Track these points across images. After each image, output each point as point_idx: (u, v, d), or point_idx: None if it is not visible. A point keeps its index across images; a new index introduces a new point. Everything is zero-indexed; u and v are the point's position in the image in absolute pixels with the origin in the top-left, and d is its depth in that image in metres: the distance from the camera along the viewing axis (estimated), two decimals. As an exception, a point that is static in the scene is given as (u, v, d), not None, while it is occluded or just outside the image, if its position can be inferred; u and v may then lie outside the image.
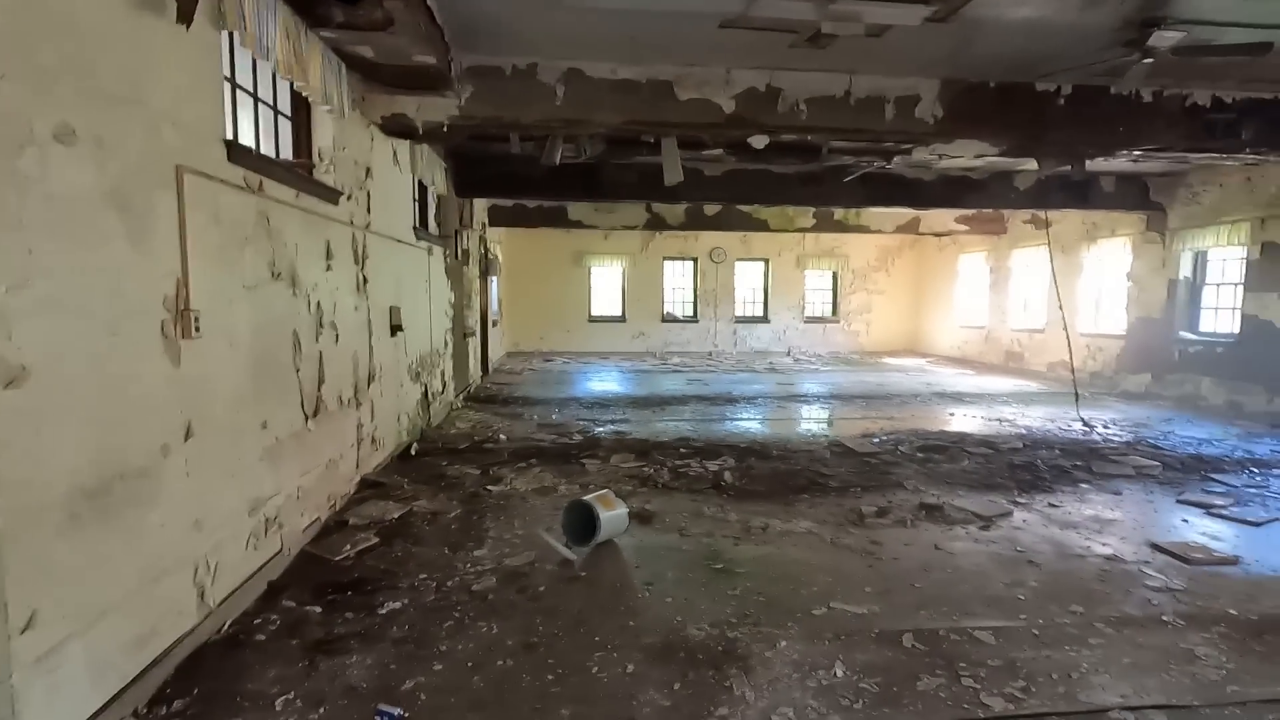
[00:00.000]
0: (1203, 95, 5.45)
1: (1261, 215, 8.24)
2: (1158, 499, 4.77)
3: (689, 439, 6.55)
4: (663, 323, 15.93)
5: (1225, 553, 3.71)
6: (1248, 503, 4.66)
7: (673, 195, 8.93)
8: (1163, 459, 5.77)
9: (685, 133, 5.17)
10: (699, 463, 5.55)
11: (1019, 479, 5.20)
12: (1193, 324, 9.41)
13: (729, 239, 15.41)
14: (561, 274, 15.47)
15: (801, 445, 6.33)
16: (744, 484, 5.01)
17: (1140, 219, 9.91)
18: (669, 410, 8.36)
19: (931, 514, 4.38)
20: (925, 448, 6.14)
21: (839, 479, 5.14)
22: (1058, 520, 4.29)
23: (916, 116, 5.22)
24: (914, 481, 5.11)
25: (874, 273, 16.26)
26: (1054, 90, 5.32)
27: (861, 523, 4.22)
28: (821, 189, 9.01)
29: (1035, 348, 12.25)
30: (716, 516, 4.32)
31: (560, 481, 5.02)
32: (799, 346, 16.10)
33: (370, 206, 4.95)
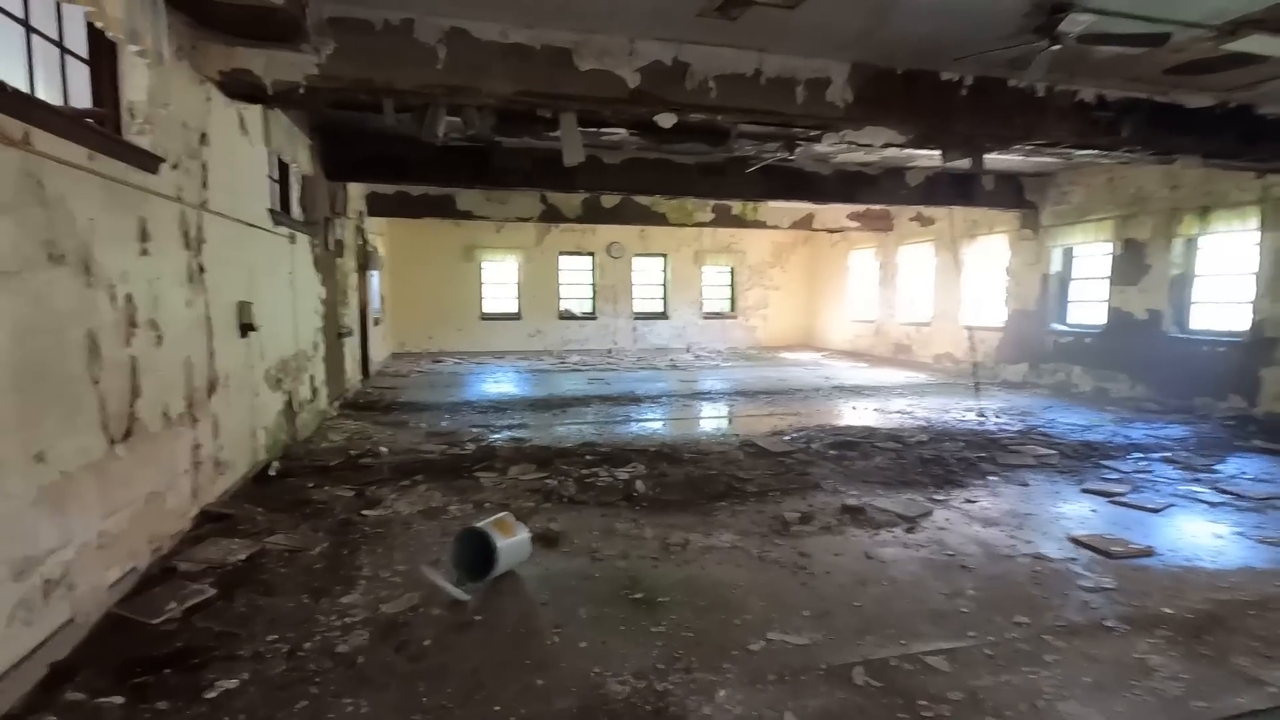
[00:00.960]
0: (1089, 93, 5.60)
1: (1123, 214, 8.84)
2: (1063, 489, 4.80)
3: (594, 444, 6.06)
4: (560, 320, 15.34)
5: (1140, 544, 3.69)
6: (1142, 489, 4.77)
7: (569, 184, 8.44)
8: (1057, 447, 5.92)
9: (586, 108, 4.68)
10: (607, 471, 5.08)
11: (932, 474, 5.12)
12: (1063, 316, 10.01)
13: (627, 233, 15.06)
14: (451, 269, 14.53)
15: (714, 446, 6.01)
16: (658, 493, 4.59)
17: (1016, 217, 10.45)
18: (571, 413, 7.84)
19: (856, 517, 4.14)
20: (837, 444, 5.99)
21: (757, 482, 4.84)
22: (978, 518, 4.18)
23: (827, 100, 5.00)
24: (832, 481, 4.90)
25: (770, 269, 16.45)
26: (957, 80, 5.27)
27: (787, 531, 3.90)
28: (723, 181, 8.79)
29: (923, 340, 12.73)
30: (631, 533, 3.87)
31: (451, 501, 4.39)
32: (699, 343, 16.02)
33: (208, 181, 4.10)
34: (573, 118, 4.73)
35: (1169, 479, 5.04)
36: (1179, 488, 4.82)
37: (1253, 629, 2.78)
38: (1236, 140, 6.12)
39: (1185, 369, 8.07)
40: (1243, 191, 7.45)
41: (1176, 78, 5.43)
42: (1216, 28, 4.33)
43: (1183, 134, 5.94)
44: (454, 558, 3.22)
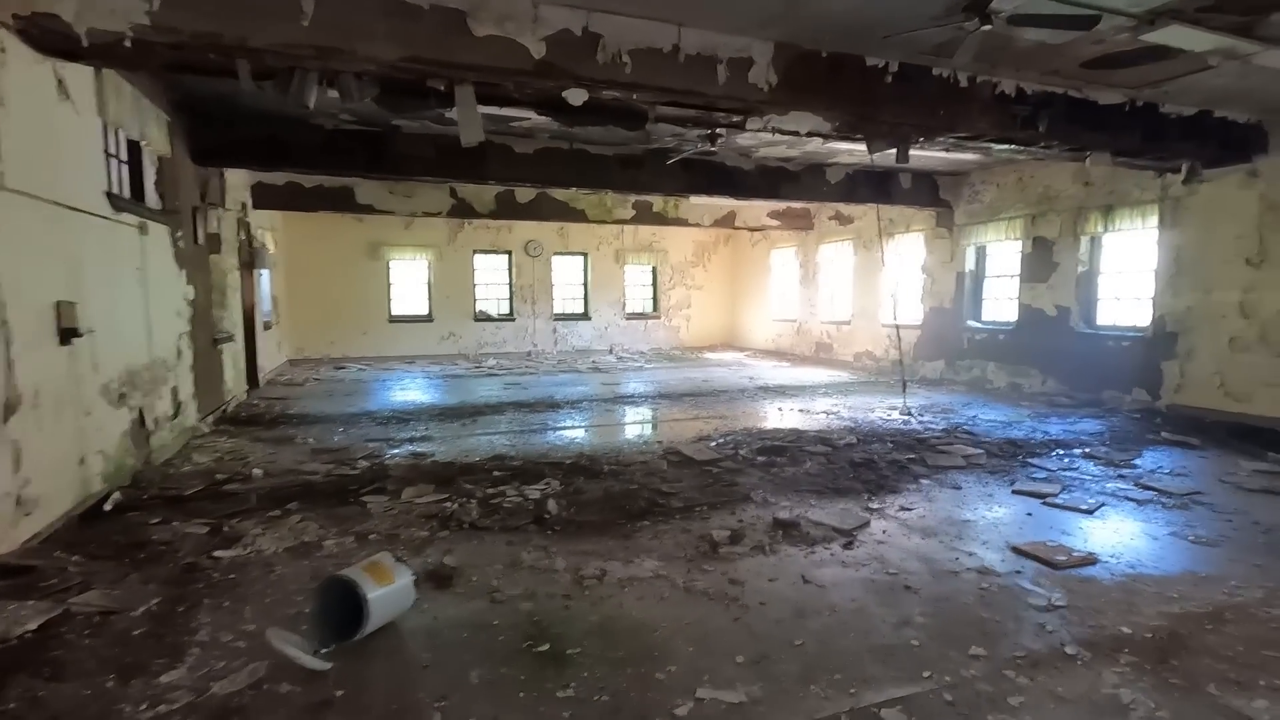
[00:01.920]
0: (1009, 85, 5.50)
1: (1032, 213, 9.01)
2: (995, 491, 4.63)
3: (505, 457, 5.50)
4: (476, 322, 14.56)
5: (1081, 551, 3.49)
6: (1071, 488, 4.66)
7: (478, 174, 7.81)
8: (983, 445, 5.82)
9: (485, 80, 4.13)
10: (517, 489, 4.54)
11: (864, 479, 4.85)
12: (978, 313, 10.17)
13: (545, 231, 14.46)
14: (355, 268, 13.50)
15: (635, 456, 5.56)
16: (573, 513, 4.09)
17: (932, 215, 10.56)
18: (482, 422, 7.22)
19: (789, 533, 3.78)
20: (765, 449, 5.67)
21: (682, 496, 4.42)
22: (917, 527, 3.90)
23: (750, 82, 4.64)
24: (761, 492, 4.54)
25: (692, 268, 16.23)
26: (883, 66, 5.03)
27: (715, 554, 3.49)
28: (642, 174, 8.37)
29: (843, 339, 12.77)
30: (539, 565, 3.36)
31: (328, 534, 3.74)
32: (621, 344, 15.59)
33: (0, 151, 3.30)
34: (470, 91, 4.17)
35: (1094, 476, 4.97)
36: (1105, 485, 4.74)
37: (1215, 648, 2.56)
38: (1142, 138, 6.21)
39: (1093, 364, 8.27)
40: (1143, 191, 7.68)
41: (1092, 72, 5.40)
42: (1138, 16, 4.25)
43: (1096, 130, 5.96)
44: (315, 614, 2.62)
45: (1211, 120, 6.46)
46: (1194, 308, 7.25)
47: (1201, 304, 7.18)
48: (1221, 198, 6.99)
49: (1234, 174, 6.86)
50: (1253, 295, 6.75)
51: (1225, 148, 6.57)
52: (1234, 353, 6.91)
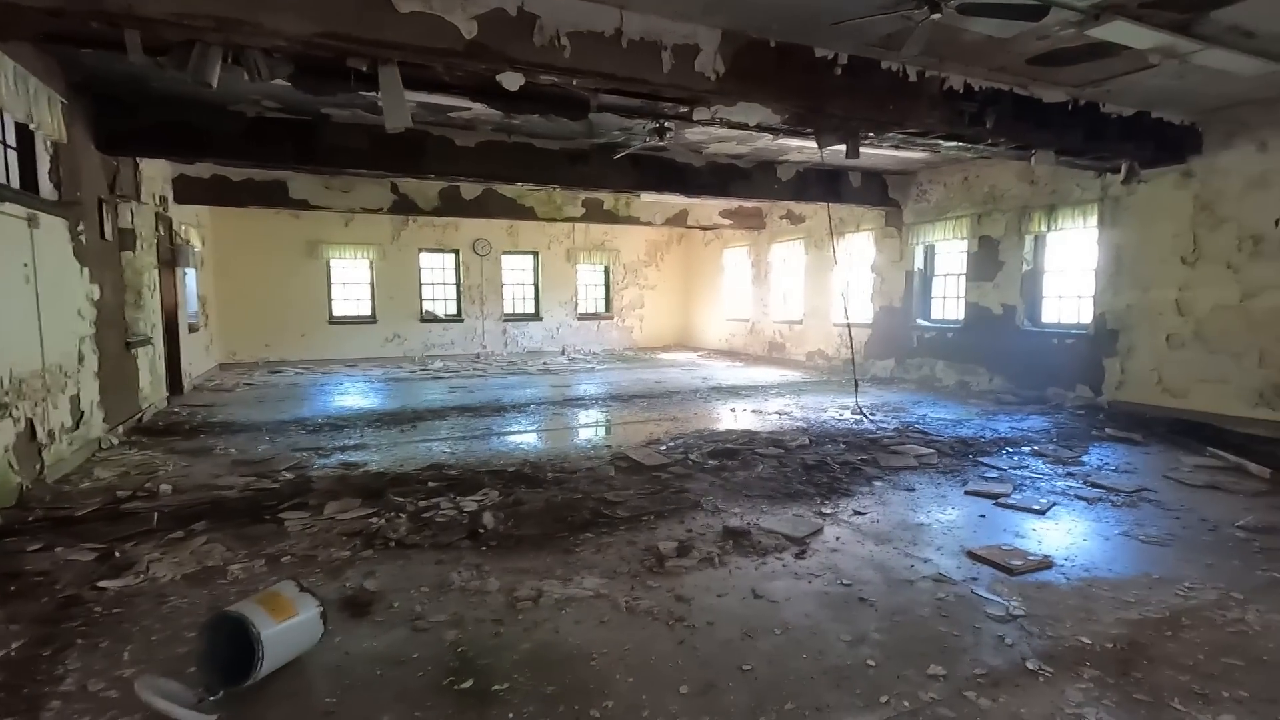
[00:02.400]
0: (957, 80, 5.46)
1: (978, 212, 9.10)
2: (948, 492, 4.54)
3: (443, 466, 5.18)
4: (422, 323, 14.05)
5: (1036, 554, 3.40)
6: (1022, 487, 4.61)
7: (415, 168, 7.44)
8: (934, 445, 5.76)
9: (411, 60, 3.82)
10: (452, 501, 4.23)
11: (816, 482, 4.71)
12: (927, 312, 10.24)
13: (494, 229, 14.06)
14: (292, 267, 12.85)
15: (582, 462, 5.31)
16: (510, 527, 3.81)
17: (881, 215, 10.60)
18: (422, 428, 6.85)
19: (739, 543, 3.59)
20: (716, 453, 5.49)
21: (628, 505, 4.19)
22: (870, 533, 3.76)
23: (697, 70, 4.45)
24: (712, 498, 4.35)
25: (645, 267, 16.03)
26: (832, 58, 4.91)
27: (661, 568, 3.27)
28: (589, 169, 8.12)
29: (795, 338, 12.76)
30: (470, 586, 3.08)
31: (236, 557, 3.38)
32: (573, 344, 15.30)
33: None
34: (395, 72, 3.85)
35: (1044, 474, 4.94)
36: (1055, 484, 4.71)
37: (1175, 658, 2.46)
38: (1084, 138, 6.27)
39: (1038, 361, 8.38)
40: (1084, 190, 7.80)
41: (1037, 69, 5.40)
42: (1084, 10, 4.21)
43: (1041, 128, 5.97)
44: (201, 655, 2.29)
45: (1149, 121, 6.57)
46: (1133, 305, 7.39)
47: (1140, 302, 7.32)
48: (1158, 198, 7.13)
49: (1170, 174, 7.00)
50: (1188, 293, 6.90)
51: (1162, 148, 6.69)
52: (1171, 350, 7.05)
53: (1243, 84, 5.76)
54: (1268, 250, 6.30)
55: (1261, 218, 6.33)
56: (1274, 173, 6.25)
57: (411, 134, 7.20)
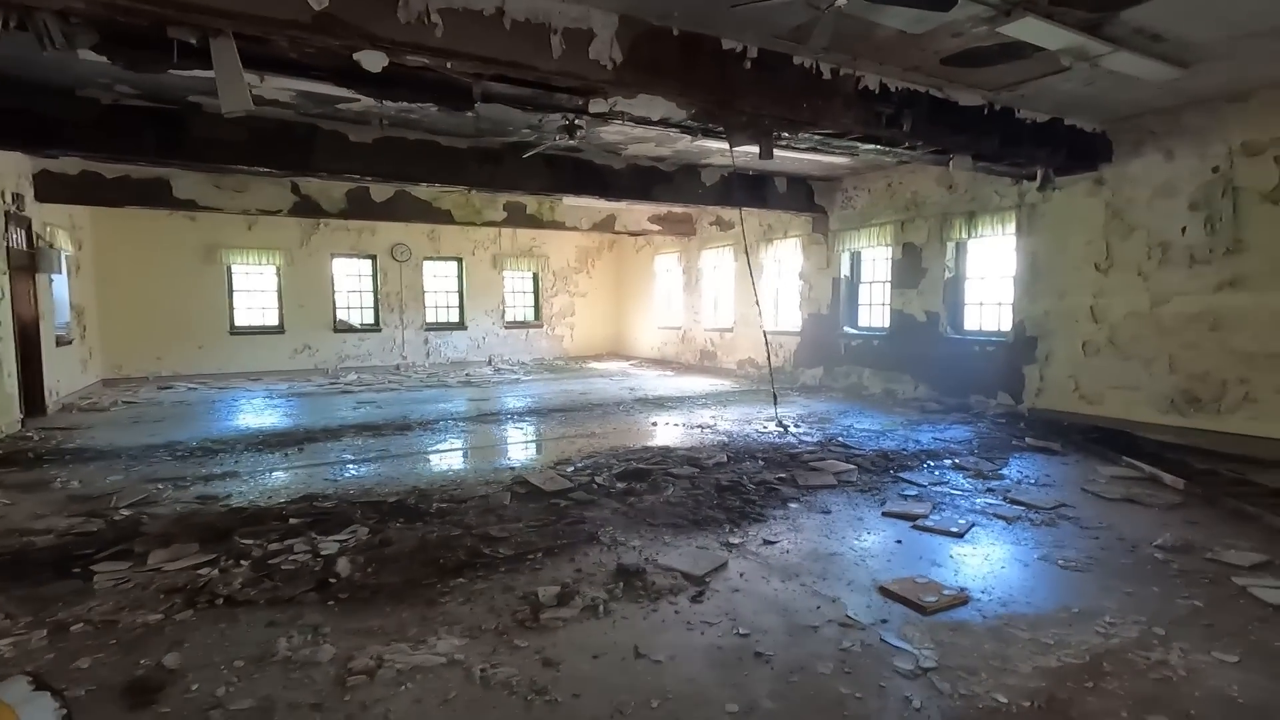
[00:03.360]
0: (872, 80, 5.24)
1: (901, 219, 9.03)
2: (865, 514, 4.25)
3: (318, 497, 4.60)
4: (335, 333, 13.19)
5: (952, 587, 3.11)
6: (942, 506, 4.37)
7: (303, 165, 6.78)
8: (856, 459, 5.50)
9: (248, 33, 3.29)
10: (309, 542, 3.68)
11: (728, 506, 4.36)
12: (854, 319, 10.14)
13: (414, 233, 13.37)
14: (188, 274, 11.83)
15: (477, 488, 4.81)
16: (370, 574, 3.30)
17: (808, 220, 10.46)
18: (310, 451, 6.21)
19: (631, 584, 3.18)
20: (627, 474, 5.08)
21: (515, 541, 3.72)
22: (778, 566, 3.41)
23: (591, 58, 4.05)
24: (611, 529, 3.93)
25: (575, 274, 15.57)
26: (741, 51, 4.60)
27: (535, 620, 2.83)
28: (501, 169, 7.64)
29: (726, 346, 12.53)
30: (298, 657, 2.56)
31: (14, 627, 2.76)
32: (501, 354, 14.69)
33: None
34: (230, 46, 3.30)
35: (963, 491, 4.73)
36: (975, 501, 4.49)
37: (1097, 716, 2.17)
38: (1000, 143, 6.18)
39: (961, 369, 8.33)
40: (1002, 197, 7.78)
41: (952, 70, 5.23)
42: (995, 5, 4.02)
43: (958, 132, 5.84)
44: None
45: (1062, 128, 6.55)
46: (1050, 312, 7.38)
47: (1057, 309, 7.32)
48: (1072, 205, 7.15)
49: (1083, 182, 7.02)
50: (1102, 300, 6.92)
51: (1075, 156, 6.69)
52: (1087, 357, 7.06)
53: (1148, 92, 5.77)
54: (1175, 258, 6.34)
55: (1169, 226, 6.37)
56: (1180, 181, 6.29)
57: (298, 128, 6.62)
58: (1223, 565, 3.36)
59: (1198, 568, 3.35)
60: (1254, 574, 3.25)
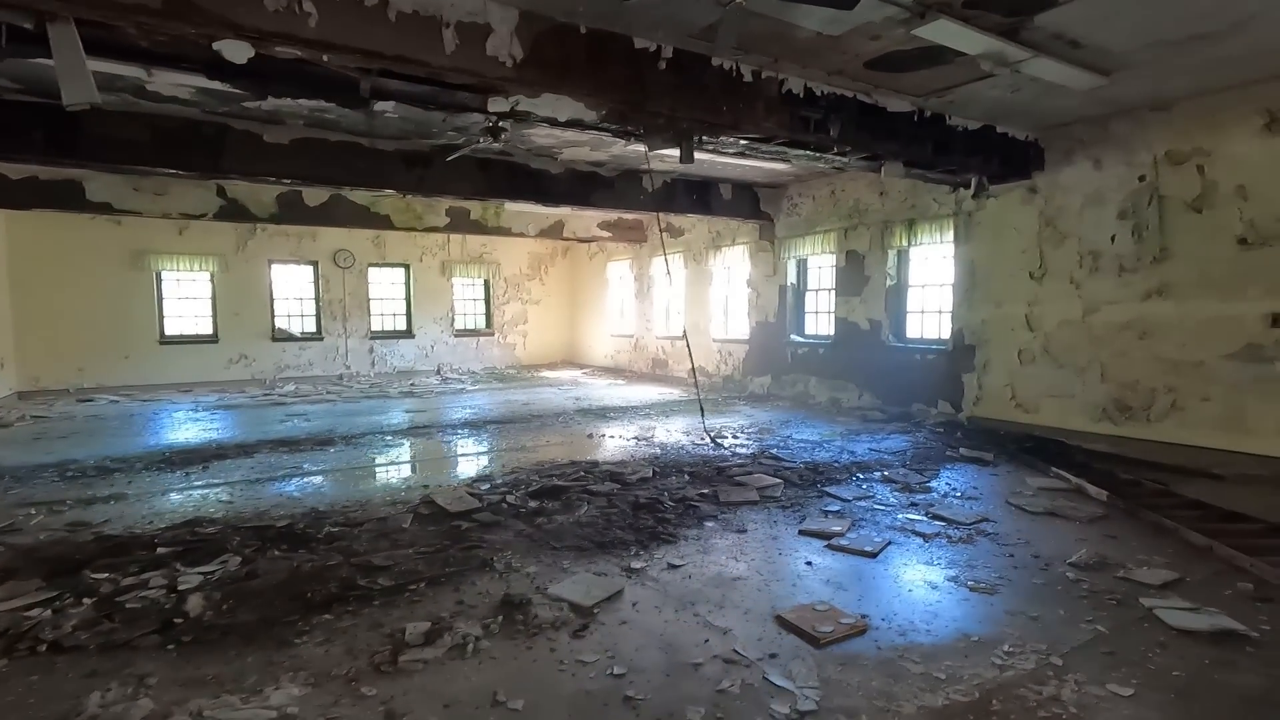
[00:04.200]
0: (797, 84, 5.11)
1: (844, 226, 8.97)
2: (781, 532, 4.08)
3: (202, 522, 4.26)
4: (274, 342, 12.71)
5: (852, 615, 2.93)
6: (861, 523, 4.22)
7: (212, 167, 6.42)
8: (784, 474, 5.34)
9: (91, 18, 2.99)
10: (170, 574, 3.36)
11: (640, 526, 4.14)
12: (801, 327, 10.05)
13: (357, 239, 12.98)
14: (113, 281, 11.27)
15: (380, 509, 4.53)
16: (223, 612, 3.00)
17: (755, 228, 10.36)
18: (215, 469, 5.84)
19: (513, 618, 2.94)
20: (543, 491, 4.84)
21: (399, 570, 3.46)
22: (676, 594, 3.20)
23: (489, 54, 3.83)
24: (509, 555, 3.69)
25: (528, 281, 15.28)
26: (655, 50, 4.42)
27: (394, 664, 2.57)
28: (430, 173, 7.36)
29: (678, 355, 12.35)
30: (109, 711, 2.27)
31: None
32: (450, 363, 14.32)
33: None
34: (70, 32, 3.00)
35: (888, 506, 4.58)
36: (897, 516, 4.35)
37: (975, 765, 2.00)
38: (933, 150, 6.12)
39: (903, 377, 8.26)
40: (940, 205, 7.75)
41: (877, 74, 5.13)
42: (908, 6, 3.90)
43: (887, 139, 5.75)
44: None
45: (995, 135, 6.52)
46: (988, 321, 7.34)
47: (994, 317, 7.28)
48: (1007, 213, 7.13)
49: (1018, 190, 7.00)
50: (1036, 309, 6.89)
51: (1008, 163, 6.66)
52: (1022, 365, 7.03)
53: (1075, 100, 5.74)
54: (1105, 266, 6.33)
55: (1099, 234, 6.36)
56: (1109, 190, 6.29)
57: (207, 127, 6.28)
58: (1133, 584, 3.25)
59: (1108, 587, 3.23)
60: (1162, 593, 3.14)
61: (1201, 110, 5.64)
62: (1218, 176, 5.60)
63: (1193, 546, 3.74)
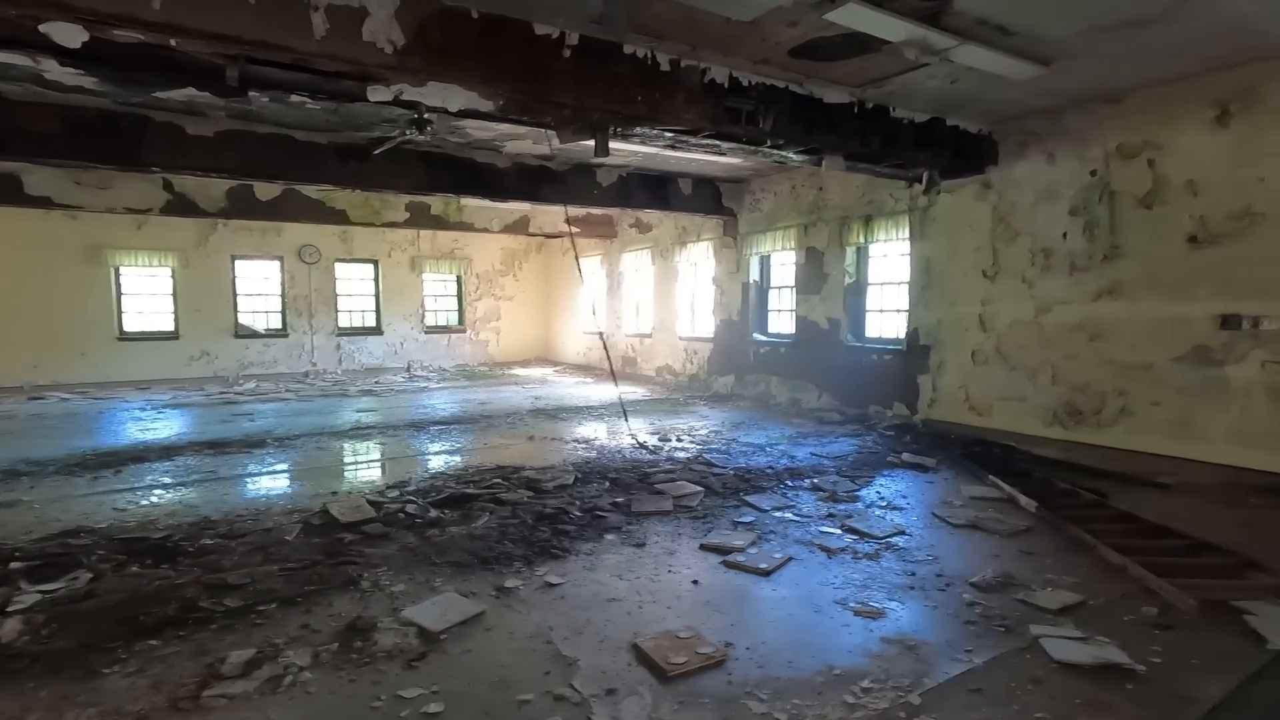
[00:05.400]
0: (720, 73, 4.88)
1: (804, 222, 8.73)
2: (681, 546, 3.87)
3: (77, 532, 4.07)
4: (237, 339, 12.52)
5: (715, 645, 2.72)
6: (770, 536, 4.00)
7: (131, 159, 6.20)
8: (710, 481, 5.12)
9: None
10: (9, 593, 3.16)
11: (535, 539, 3.93)
12: (764, 326, 9.81)
13: (323, 234, 12.77)
14: (69, 276, 11.10)
15: (272, 519, 4.33)
16: (42, 637, 2.80)
17: (719, 224, 10.12)
18: (129, 473, 5.65)
19: (350, 644, 2.74)
20: (446, 500, 4.63)
21: (253, 588, 3.25)
22: (538, 618, 2.99)
23: (365, 40, 3.60)
24: (382, 571, 3.48)
25: (500, 277, 15.06)
26: (558, 37, 4.19)
27: (196, 700, 2.37)
28: (367, 167, 7.14)
29: (646, 353, 12.15)
30: None
31: None
32: (420, 360, 14.12)
33: None
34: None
35: (805, 517, 4.37)
36: (809, 529, 4.13)
37: (776, 830, 1.79)
38: (881, 144, 5.89)
39: (861, 378, 8.04)
40: (896, 201, 7.51)
41: (806, 64, 4.89)
42: (811, -13, 3.67)
43: (826, 131, 5.51)
44: None
45: (945, 128, 6.27)
46: (943, 320, 7.11)
47: (948, 317, 7.05)
48: (961, 209, 6.88)
49: (971, 185, 6.75)
50: (990, 308, 6.66)
51: (960, 157, 6.42)
52: (976, 366, 6.79)
53: (1023, 92, 5.50)
54: (1057, 264, 6.09)
55: (1051, 231, 6.12)
56: (1061, 185, 6.05)
57: (125, 118, 6.07)
58: (1030, 609, 3.03)
59: (1003, 611, 3.01)
60: (1058, 619, 2.92)
61: (1152, 102, 5.40)
62: (1168, 171, 5.35)
63: (1109, 564, 3.52)
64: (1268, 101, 4.81)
